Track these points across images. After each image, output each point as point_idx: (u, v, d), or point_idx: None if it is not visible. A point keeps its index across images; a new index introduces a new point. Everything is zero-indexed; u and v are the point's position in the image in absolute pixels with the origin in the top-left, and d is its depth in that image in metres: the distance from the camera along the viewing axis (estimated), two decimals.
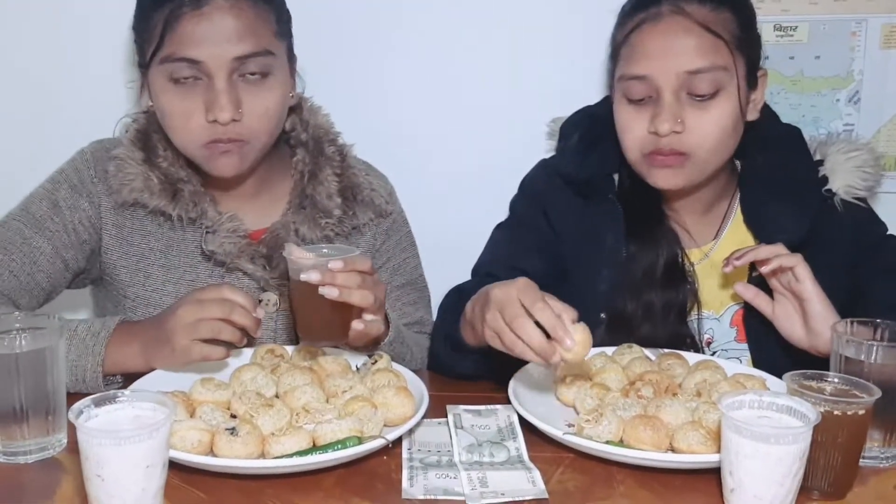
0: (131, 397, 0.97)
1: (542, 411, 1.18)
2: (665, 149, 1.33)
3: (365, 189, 1.49)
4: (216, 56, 1.29)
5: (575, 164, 1.47)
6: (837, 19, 1.76)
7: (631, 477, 1.07)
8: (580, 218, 1.45)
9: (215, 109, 1.30)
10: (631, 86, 1.35)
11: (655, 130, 1.32)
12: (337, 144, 1.51)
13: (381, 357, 1.28)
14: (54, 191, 1.42)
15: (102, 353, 1.25)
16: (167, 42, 1.30)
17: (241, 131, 1.33)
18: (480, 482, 1.03)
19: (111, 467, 0.90)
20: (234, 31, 1.30)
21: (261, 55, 1.32)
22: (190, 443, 1.05)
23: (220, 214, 1.42)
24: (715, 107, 1.32)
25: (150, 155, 1.41)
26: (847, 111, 1.79)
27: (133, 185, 1.38)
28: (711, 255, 1.45)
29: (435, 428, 1.18)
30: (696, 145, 1.33)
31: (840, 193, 1.41)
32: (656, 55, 1.32)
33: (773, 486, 0.94)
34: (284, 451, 1.06)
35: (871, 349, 1.09)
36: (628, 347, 1.34)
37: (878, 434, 1.09)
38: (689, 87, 1.31)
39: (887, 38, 1.76)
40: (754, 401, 1.00)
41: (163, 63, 1.31)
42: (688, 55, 1.31)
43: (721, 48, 1.31)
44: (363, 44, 1.77)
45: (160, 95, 1.34)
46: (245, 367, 1.25)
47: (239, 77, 1.32)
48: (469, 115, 1.80)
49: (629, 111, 1.37)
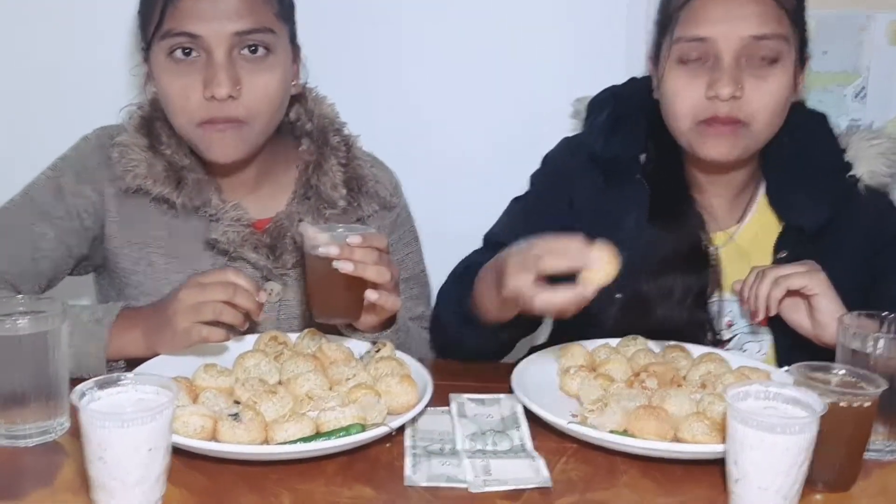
0: (134, 380, 0.97)
1: (546, 401, 1.17)
2: (722, 115, 1.30)
3: (370, 181, 1.49)
4: (216, 31, 1.29)
5: (602, 142, 1.45)
6: (845, 15, 1.76)
7: (634, 467, 1.06)
8: (602, 198, 1.44)
9: (213, 85, 1.29)
10: (689, 47, 1.32)
11: (716, 94, 1.29)
12: (342, 135, 1.50)
13: (384, 345, 1.27)
14: (58, 177, 1.41)
15: (106, 339, 1.25)
16: (167, 18, 1.30)
17: (239, 111, 1.32)
18: (484, 470, 1.03)
19: (113, 450, 0.90)
20: (234, 6, 1.30)
21: (261, 31, 1.32)
22: (193, 428, 1.04)
23: (224, 203, 1.41)
24: (773, 76, 1.31)
25: (155, 142, 1.40)
26: (854, 106, 1.79)
27: (137, 171, 1.38)
28: (736, 238, 1.44)
29: (438, 416, 1.18)
30: (754, 113, 1.31)
31: (864, 179, 1.41)
32: (721, 18, 1.30)
33: (779, 476, 0.94)
34: (287, 437, 1.05)
35: (877, 342, 1.09)
36: (633, 339, 1.34)
37: (882, 427, 1.09)
38: (751, 52, 1.29)
39: (895, 34, 1.76)
40: (760, 391, 1.00)
41: (163, 39, 1.31)
42: (753, 20, 1.29)
43: (783, 18, 1.30)
44: (369, 33, 1.77)
45: (160, 74, 1.34)
46: (248, 353, 1.24)
47: (239, 54, 1.31)
48: (476, 106, 1.80)
49: (683, 75, 1.33)
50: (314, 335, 1.31)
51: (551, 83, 1.77)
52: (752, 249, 1.43)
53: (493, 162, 1.79)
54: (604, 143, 1.45)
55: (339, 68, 1.66)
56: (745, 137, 1.33)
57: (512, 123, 1.80)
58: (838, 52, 1.77)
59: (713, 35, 1.30)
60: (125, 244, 1.42)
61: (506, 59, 1.79)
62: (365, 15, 1.76)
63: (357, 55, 1.76)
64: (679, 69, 1.34)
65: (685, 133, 1.36)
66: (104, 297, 1.51)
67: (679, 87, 1.34)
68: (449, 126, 1.81)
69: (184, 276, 1.40)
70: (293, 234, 1.42)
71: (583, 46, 1.78)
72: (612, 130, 1.45)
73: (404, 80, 1.80)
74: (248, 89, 1.32)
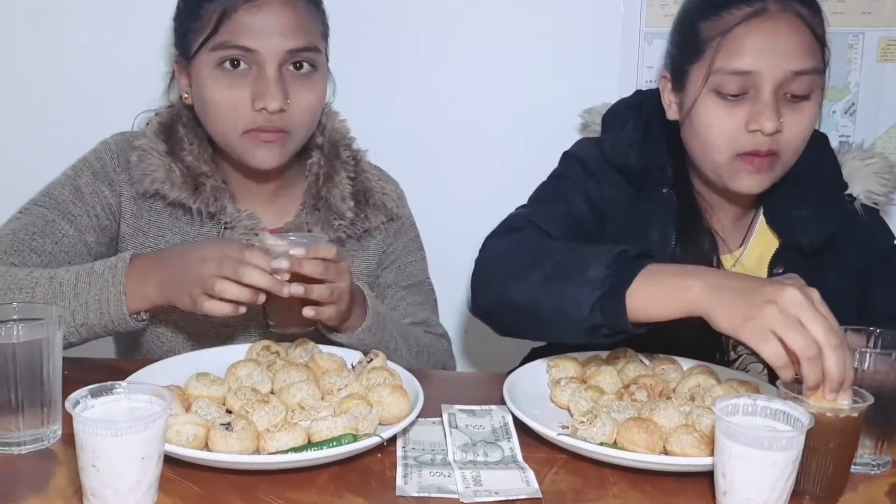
0: (128, 389, 0.98)
1: (537, 413, 1.18)
2: (763, 149, 1.30)
3: (377, 193, 1.53)
4: (270, 47, 1.34)
5: (633, 152, 1.43)
6: (835, 32, 1.76)
7: (624, 479, 1.07)
8: (630, 206, 1.42)
9: (266, 98, 1.34)
10: (729, 80, 1.30)
11: (759, 128, 1.28)
12: (352, 149, 1.55)
13: (376, 356, 1.28)
14: (76, 177, 1.43)
15: (124, 282, 1.25)
16: (222, 30, 1.34)
17: (286, 123, 1.37)
18: (474, 481, 1.03)
19: (107, 458, 0.90)
20: (288, 24, 1.35)
21: (311, 51, 1.38)
22: (185, 437, 1.05)
23: (239, 212, 1.44)
24: (808, 109, 1.31)
25: (175, 147, 1.43)
26: (843, 123, 1.81)
27: (155, 175, 1.40)
28: (742, 260, 1.46)
29: (429, 427, 1.18)
30: (786, 146, 1.31)
31: (861, 198, 1.43)
32: (765, 51, 1.28)
33: (766, 489, 0.95)
34: (279, 447, 1.06)
35: (863, 356, 1.10)
36: (623, 352, 1.35)
37: (869, 441, 1.10)
38: (790, 87, 1.29)
39: (884, 51, 1.78)
40: (748, 405, 1.01)
41: (215, 50, 1.35)
42: (795, 55, 1.28)
43: (818, 51, 1.31)
44: (377, 47, 1.80)
45: (207, 83, 1.37)
46: (240, 363, 1.25)
47: (287, 69, 1.36)
48: (480, 119, 1.83)
49: (722, 107, 1.32)
50: (306, 345, 1.32)
51: (552, 95, 1.80)
52: (755, 272, 1.45)
53: (498, 173, 1.81)
54: (636, 154, 1.42)
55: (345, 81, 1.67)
56: (777, 169, 1.33)
57: (513, 134, 1.83)
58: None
59: (757, 69, 1.28)
60: (137, 248, 1.44)
61: (505, 72, 1.82)
62: (371, 28, 1.78)
63: (362, 68, 1.78)
64: (716, 100, 1.32)
65: (721, 165, 1.34)
66: None
67: (716, 119, 1.32)
68: (452, 138, 1.84)
69: None
70: None
71: (580, 59, 1.80)
72: (642, 141, 1.43)
73: (408, 93, 1.82)
74: (295, 104, 1.37)
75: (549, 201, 1.43)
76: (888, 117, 1.81)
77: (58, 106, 1.80)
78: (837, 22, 1.77)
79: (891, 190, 1.46)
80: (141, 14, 1.58)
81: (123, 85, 1.75)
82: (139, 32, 1.71)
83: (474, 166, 1.84)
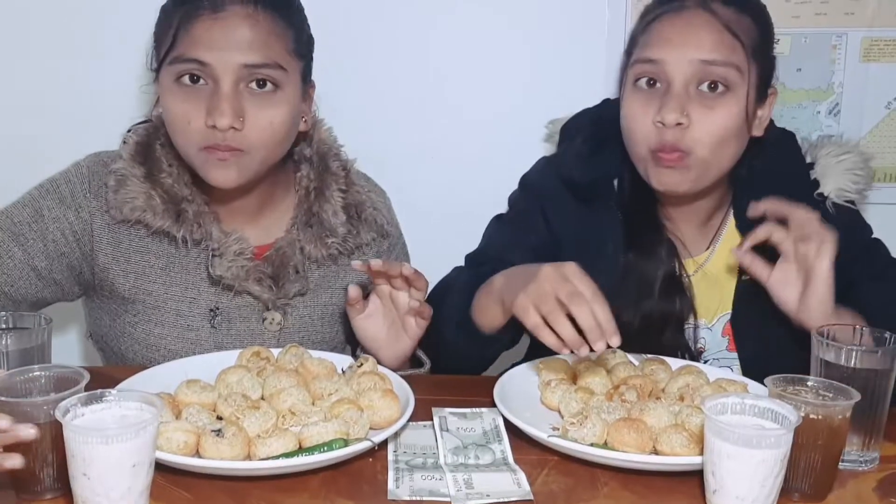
0: (118, 397, 0.97)
1: (528, 415, 1.19)
2: (668, 144, 1.31)
3: (368, 207, 1.50)
4: (225, 61, 1.29)
5: (579, 167, 1.46)
6: (818, 33, 1.80)
7: (615, 479, 1.08)
8: (580, 223, 1.44)
9: (215, 114, 1.28)
10: (642, 69, 1.34)
11: (661, 120, 1.31)
12: (341, 159, 1.51)
13: (366, 360, 1.28)
14: (40, 198, 1.40)
15: None
16: (179, 42, 1.31)
17: (240, 142, 1.31)
18: (466, 484, 1.04)
19: (97, 466, 0.90)
20: (246, 39, 1.30)
21: (270, 67, 1.32)
22: (176, 444, 1.04)
23: (226, 235, 1.40)
24: (722, 107, 1.32)
25: (153, 169, 1.39)
26: (827, 123, 1.82)
27: (135, 203, 1.36)
28: (706, 266, 1.46)
29: (420, 431, 1.19)
30: (696, 142, 1.31)
31: (832, 197, 1.42)
32: (673, 41, 1.32)
33: (755, 487, 0.95)
34: (270, 452, 1.06)
35: (850, 354, 1.11)
36: (612, 352, 1.35)
37: (857, 438, 1.11)
38: (701, 77, 1.31)
39: (867, 51, 1.79)
40: (737, 403, 1.02)
41: (172, 63, 1.32)
42: (705, 46, 1.31)
43: (738, 49, 1.32)
44: (354, 50, 1.79)
45: (166, 97, 1.34)
46: (231, 369, 1.25)
47: (246, 87, 1.31)
48: (465, 124, 1.83)
49: (637, 100, 1.35)
50: (296, 350, 1.32)
51: (537, 100, 1.79)
52: (721, 276, 1.45)
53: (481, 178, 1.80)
54: (582, 168, 1.45)
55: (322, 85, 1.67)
56: (693, 167, 1.33)
57: (498, 140, 1.83)
58: (812, 70, 1.80)
59: (664, 57, 1.32)
60: (120, 274, 1.41)
61: (489, 77, 1.82)
62: (347, 30, 1.77)
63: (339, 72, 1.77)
64: (634, 93, 1.36)
65: (641, 161, 1.37)
66: (95, 322, 1.49)
67: (633, 112, 1.36)
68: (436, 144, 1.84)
69: (182, 305, 1.41)
70: (295, 263, 1.43)
71: (565, 64, 1.80)
72: (589, 155, 1.46)
73: (389, 98, 1.82)
74: (252, 122, 1.31)
75: (512, 237, 1.48)
76: (872, 117, 1.82)
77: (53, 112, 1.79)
78: (821, 23, 1.79)
79: (864, 187, 1.45)
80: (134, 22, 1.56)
81: (119, 93, 1.73)
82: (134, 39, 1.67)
83: (458, 172, 1.84)
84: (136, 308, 1.42)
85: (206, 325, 1.42)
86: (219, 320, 1.42)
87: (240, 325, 1.43)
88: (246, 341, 1.42)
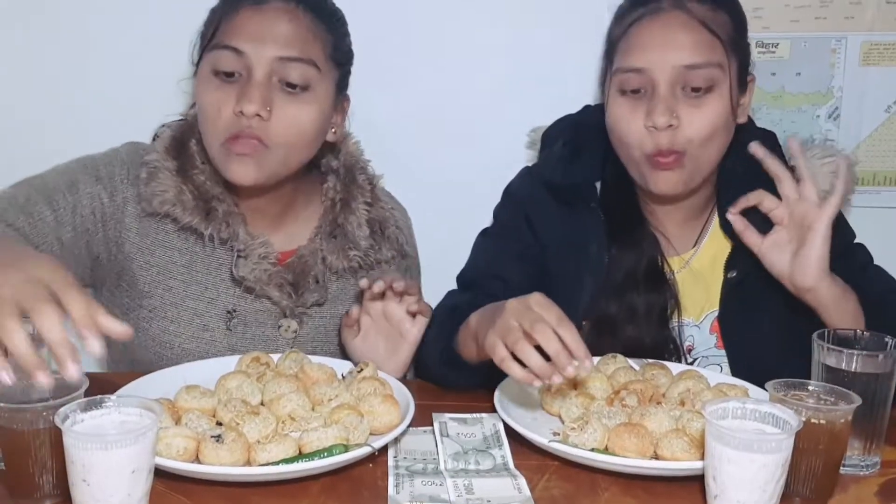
0: (118, 402, 0.97)
1: (528, 420, 1.19)
2: (664, 148, 1.32)
3: (391, 225, 1.51)
4: (260, 52, 1.31)
5: (559, 171, 1.47)
6: (818, 37, 1.80)
7: (615, 484, 1.07)
8: (564, 226, 1.46)
9: (243, 101, 1.29)
10: (627, 78, 1.35)
11: (653, 124, 1.31)
12: (367, 173, 1.52)
13: (366, 365, 1.28)
14: (78, 171, 1.39)
15: None
16: (220, 31, 1.34)
17: (263, 132, 1.31)
18: (466, 489, 1.03)
19: (97, 472, 0.90)
20: (283, 33, 1.32)
21: (304, 62, 1.33)
22: (175, 450, 1.04)
23: (252, 238, 1.41)
24: (708, 103, 1.33)
25: (186, 165, 1.39)
26: (827, 127, 1.82)
27: (165, 196, 1.37)
28: (691, 263, 1.47)
29: (421, 436, 1.18)
30: (689, 140, 1.33)
31: None
32: (654, 48, 1.33)
33: (756, 492, 0.95)
34: (270, 458, 1.06)
35: (851, 358, 1.10)
36: (612, 357, 1.35)
37: (858, 442, 1.11)
38: (685, 81, 1.32)
39: (866, 55, 1.79)
40: (737, 408, 1.01)
41: (210, 51, 1.34)
42: (686, 50, 1.32)
43: (717, 46, 1.33)
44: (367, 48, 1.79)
45: (201, 86, 1.35)
46: (230, 374, 1.24)
47: (278, 81, 1.32)
48: (466, 126, 1.83)
49: (624, 105, 1.36)
50: (296, 356, 1.31)
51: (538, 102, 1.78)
52: (707, 274, 1.45)
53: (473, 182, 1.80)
54: (562, 172, 1.47)
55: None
56: (688, 166, 1.35)
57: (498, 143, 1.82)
58: (811, 74, 1.80)
59: (647, 65, 1.33)
60: (143, 266, 1.41)
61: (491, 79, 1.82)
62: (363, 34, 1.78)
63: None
64: (620, 99, 1.37)
65: (636, 165, 1.38)
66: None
67: (621, 118, 1.36)
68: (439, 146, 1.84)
69: (200, 304, 1.41)
70: (315, 273, 1.44)
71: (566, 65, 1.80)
72: (569, 159, 1.47)
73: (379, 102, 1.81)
74: (278, 116, 1.32)
75: (498, 249, 1.48)
76: (872, 121, 1.82)
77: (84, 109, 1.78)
78: (820, 27, 1.79)
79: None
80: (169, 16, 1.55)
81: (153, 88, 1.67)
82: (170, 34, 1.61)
83: (461, 174, 1.83)
84: (153, 303, 1.41)
85: (222, 326, 1.42)
86: (235, 322, 1.42)
87: (255, 330, 1.44)
88: (259, 346, 1.42)
